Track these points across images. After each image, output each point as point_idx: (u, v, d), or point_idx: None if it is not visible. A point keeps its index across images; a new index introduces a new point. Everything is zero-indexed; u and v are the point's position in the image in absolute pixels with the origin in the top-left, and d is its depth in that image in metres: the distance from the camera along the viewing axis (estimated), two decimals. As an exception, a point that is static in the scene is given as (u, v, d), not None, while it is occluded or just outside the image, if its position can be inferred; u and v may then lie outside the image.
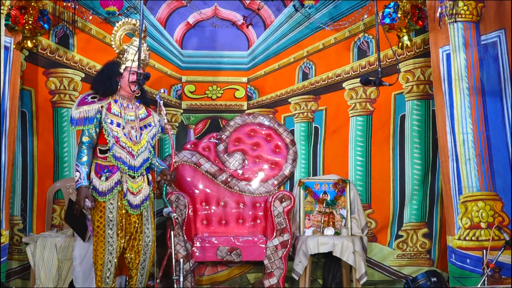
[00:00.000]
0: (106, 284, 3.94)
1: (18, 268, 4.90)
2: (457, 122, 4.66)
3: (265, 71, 5.32)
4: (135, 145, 3.99)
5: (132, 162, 3.96)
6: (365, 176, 5.22)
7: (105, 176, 3.92)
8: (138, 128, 4.04)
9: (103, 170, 3.93)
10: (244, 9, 5.29)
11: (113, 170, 3.93)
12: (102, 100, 3.96)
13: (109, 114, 3.94)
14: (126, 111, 4.02)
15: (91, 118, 3.91)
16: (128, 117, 4.01)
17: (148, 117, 4.14)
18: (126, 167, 3.94)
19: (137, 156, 3.99)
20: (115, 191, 3.92)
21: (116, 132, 3.93)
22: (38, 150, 5.02)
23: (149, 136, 4.09)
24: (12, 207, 4.81)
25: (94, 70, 5.11)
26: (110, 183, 3.92)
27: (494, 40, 4.68)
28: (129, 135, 3.97)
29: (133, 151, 3.97)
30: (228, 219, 5.07)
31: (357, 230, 4.97)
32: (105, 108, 3.94)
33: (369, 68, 5.20)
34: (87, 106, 3.92)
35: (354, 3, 5.19)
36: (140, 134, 4.04)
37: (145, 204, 4.03)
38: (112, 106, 3.98)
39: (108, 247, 3.90)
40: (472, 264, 4.55)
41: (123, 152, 3.93)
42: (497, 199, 4.62)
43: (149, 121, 4.13)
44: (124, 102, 4.04)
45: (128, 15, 5.04)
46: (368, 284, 4.88)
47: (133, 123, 4.03)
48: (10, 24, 4.46)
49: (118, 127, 3.95)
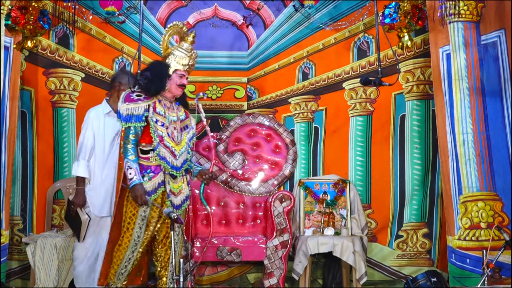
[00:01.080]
0: (118, 280, 3.93)
1: (18, 268, 4.90)
2: (457, 122, 4.66)
3: (265, 71, 5.32)
4: (177, 145, 4.00)
5: (174, 162, 3.97)
6: (365, 176, 5.22)
7: (148, 176, 3.91)
8: (179, 129, 4.06)
9: (146, 171, 3.92)
10: (244, 9, 5.29)
11: (156, 170, 3.93)
12: (148, 98, 3.95)
13: (154, 113, 3.94)
14: (169, 112, 4.03)
15: (140, 116, 3.89)
16: (171, 118, 4.02)
17: (186, 119, 4.15)
18: (170, 167, 3.94)
19: (179, 156, 4.00)
20: (159, 192, 3.91)
21: (161, 132, 3.93)
22: (38, 150, 5.03)
23: (188, 138, 4.10)
24: (12, 207, 4.81)
25: (94, 70, 5.12)
26: (153, 183, 3.91)
27: (494, 40, 4.68)
28: (172, 136, 3.99)
29: (175, 151, 3.98)
30: (228, 219, 5.07)
31: (357, 230, 4.97)
32: (151, 107, 3.94)
33: (369, 68, 5.20)
34: (134, 104, 3.90)
35: (354, 3, 5.19)
36: (180, 135, 4.06)
37: (185, 204, 4.06)
38: (157, 105, 3.97)
39: (132, 245, 3.89)
40: (472, 264, 4.54)
41: (167, 152, 3.94)
42: (497, 199, 4.62)
43: (188, 123, 4.15)
44: (167, 103, 4.04)
45: (128, 15, 5.04)
46: (368, 284, 4.88)
47: (175, 124, 4.04)
48: (10, 24, 4.45)
49: (162, 126, 3.94)
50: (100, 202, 4.30)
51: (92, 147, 4.32)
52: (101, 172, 4.32)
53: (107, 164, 4.33)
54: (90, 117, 4.36)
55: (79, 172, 4.28)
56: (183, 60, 4.00)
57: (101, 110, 4.39)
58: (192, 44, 4.07)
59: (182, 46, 4.05)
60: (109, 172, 4.32)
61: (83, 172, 4.27)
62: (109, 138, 4.34)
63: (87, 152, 4.31)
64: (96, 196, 4.31)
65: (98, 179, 4.32)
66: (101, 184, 4.32)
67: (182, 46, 4.05)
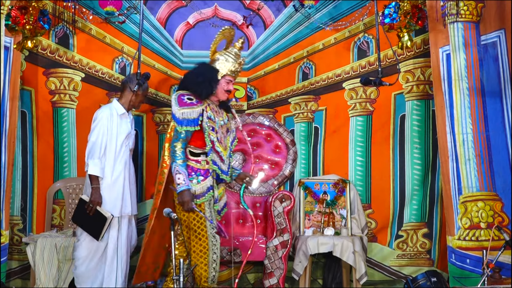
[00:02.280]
0: (212, 283, 3.95)
1: (18, 268, 4.90)
2: (457, 122, 4.66)
3: (265, 71, 5.32)
4: (225, 150, 4.05)
5: (223, 167, 4.02)
6: (365, 176, 5.22)
7: (197, 179, 3.94)
8: (225, 133, 4.10)
9: (196, 173, 3.95)
10: (244, 9, 5.29)
11: (206, 174, 3.96)
12: (200, 103, 3.98)
13: (205, 118, 3.96)
14: (217, 116, 4.06)
15: (195, 120, 3.92)
16: (219, 122, 4.06)
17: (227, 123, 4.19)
18: (220, 172, 3.99)
19: (225, 160, 4.05)
20: (207, 196, 3.94)
21: (213, 137, 3.96)
22: (38, 150, 5.02)
23: (229, 142, 4.15)
24: (12, 207, 4.81)
25: (94, 70, 5.12)
26: (202, 187, 3.93)
27: (494, 40, 4.68)
28: (221, 140, 4.02)
29: (223, 156, 4.02)
30: (228, 219, 5.07)
31: (357, 230, 4.97)
32: (204, 111, 3.97)
33: (369, 68, 5.20)
34: (189, 108, 3.93)
35: (354, 3, 5.19)
36: (227, 139, 4.12)
37: (225, 210, 4.16)
38: (208, 110, 4.00)
39: (212, 247, 3.91)
40: (472, 264, 4.55)
41: (216, 156, 3.98)
42: (497, 199, 4.62)
43: (229, 127, 4.19)
44: (214, 107, 4.07)
45: (128, 15, 5.04)
46: (368, 284, 4.88)
47: (223, 128, 4.08)
48: (10, 24, 4.46)
49: (212, 131, 3.98)
50: (111, 202, 4.26)
51: (105, 147, 4.29)
52: (112, 172, 4.29)
53: (117, 164, 4.31)
54: (104, 116, 4.32)
55: (96, 171, 4.22)
56: (232, 66, 4.04)
57: (114, 110, 4.36)
58: (240, 50, 4.11)
59: (231, 52, 4.09)
60: (120, 173, 4.30)
61: (100, 171, 4.23)
62: (121, 139, 4.32)
63: (101, 151, 4.27)
64: (107, 196, 4.27)
65: (109, 179, 4.28)
66: (112, 184, 4.28)
67: (231, 52, 4.09)
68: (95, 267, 4.28)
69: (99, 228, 4.17)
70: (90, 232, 4.22)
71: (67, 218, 4.95)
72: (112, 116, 4.32)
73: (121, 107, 4.37)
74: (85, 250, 4.27)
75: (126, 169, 4.33)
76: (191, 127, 3.90)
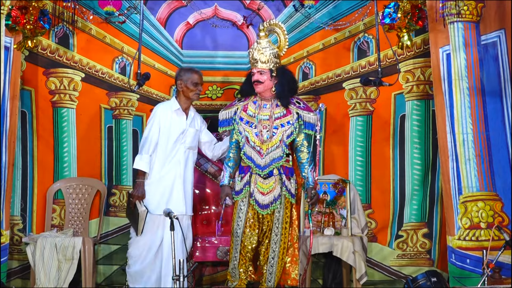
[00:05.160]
0: (233, 275, 4.23)
1: (18, 268, 4.90)
2: (457, 122, 4.66)
3: (265, 71, 5.31)
4: (263, 144, 4.15)
5: (259, 161, 4.14)
6: (365, 176, 5.22)
7: (239, 176, 4.21)
8: (271, 128, 4.18)
9: (242, 171, 4.22)
10: (244, 9, 5.29)
11: (246, 170, 4.19)
12: (244, 100, 4.27)
13: (243, 114, 4.23)
14: (261, 111, 4.22)
15: (229, 120, 4.31)
16: (261, 117, 4.21)
17: (285, 116, 4.25)
18: (255, 166, 4.13)
19: (266, 155, 4.15)
20: (244, 191, 4.15)
21: (247, 132, 4.17)
22: (38, 150, 5.03)
23: (284, 135, 4.21)
24: (12, 207, 4.82)
25: (94, 70, 5.12)
26: (242, 183, 4.19)
27: (494, 40, 4.68)
28: (260, 134, 4.15)
29: (262, 150, 4.15)
30: (228, 219, 5.06)
31: (357, 230, 4.97)
32: (240, 109, 4.23)
33: (369, 68, 5.19)
34: (227, 109, 4.31)
35: (354, 3, 5.18)
36: (272, 133, 4.18)
37: (274, 205, 4.17)
38: (249, 106, 4.24)
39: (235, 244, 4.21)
40: (472, 264, 4.55)
41: (253, 151, 4.15)
42: (497, 199, 4.62)
43: (286, 120, 4.24)
44: (262, 103, 4.24)
45: (128, 15, 5.04)
46: (368, 284, 4.88)
47: (266, 122, 4.20)
48: (10, 24, 4.46)
49: (250, 126, 4.18)
50: (156, 200, 4.24)
51: (156, 143, 4.29)
52: (160, 168, 4.28)
53: (168, 161, 4.29)
54: (158, 112, 4.34)
55: (140, 165, 4.23)
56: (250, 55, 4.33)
57: (170, 107, 4.36)
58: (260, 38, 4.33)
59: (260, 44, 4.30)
60: (170, 170, 4.28)
61: (145, 166, 4.23)
62: (174, 135, 4.31)
63: (151, 147, 4.27)
64: (153, 193, 4.26)
65: (156, 176, 4.27)
66: (159, 180, 4.27)
67: (260, 43, 4.30)
68: (148, 267, 4.24)
69: (137, 222, 4.16)
70: (133, 226, 4.24)
71: (67, 218, 4.95)
72: (166, 112, 4.33)
73: (176, 102, 4.38)
74: (137, 249, 4.24)
75: (179, 168, 4.29)
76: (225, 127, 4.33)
